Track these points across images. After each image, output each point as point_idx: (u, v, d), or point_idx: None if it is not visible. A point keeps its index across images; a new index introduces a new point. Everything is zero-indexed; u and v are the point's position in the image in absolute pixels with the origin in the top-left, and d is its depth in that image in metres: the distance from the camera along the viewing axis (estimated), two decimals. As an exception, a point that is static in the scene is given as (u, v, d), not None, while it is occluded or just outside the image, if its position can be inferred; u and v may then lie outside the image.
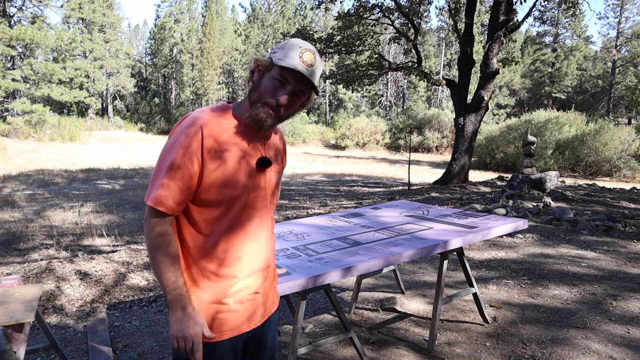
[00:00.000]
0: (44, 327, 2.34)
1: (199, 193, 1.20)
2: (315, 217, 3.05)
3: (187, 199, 1.20)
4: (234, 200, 1.23)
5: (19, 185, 12.05)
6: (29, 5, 27.56)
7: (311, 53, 1.23)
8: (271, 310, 1.41)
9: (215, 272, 1.24)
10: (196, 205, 1.23)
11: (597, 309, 3.14)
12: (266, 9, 40.33)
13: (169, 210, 1.18)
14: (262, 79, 1.24)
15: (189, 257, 1.25)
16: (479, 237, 2.52)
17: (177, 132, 1.20)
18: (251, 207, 1.28)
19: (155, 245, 1.19)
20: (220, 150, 1.19)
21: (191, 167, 1.16)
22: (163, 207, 1.17)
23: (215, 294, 1.24)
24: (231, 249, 1.25)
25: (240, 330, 1.30)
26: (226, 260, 1.25)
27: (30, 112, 25.97)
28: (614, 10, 38.07)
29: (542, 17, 17.06)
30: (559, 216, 6.15)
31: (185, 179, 1.17)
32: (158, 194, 1.17)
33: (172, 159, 1.16)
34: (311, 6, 29.49)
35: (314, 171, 18.20)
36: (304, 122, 37.18)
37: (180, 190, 1.17)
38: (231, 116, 1.25)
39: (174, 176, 1.16)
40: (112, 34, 38.75)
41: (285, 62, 1.20)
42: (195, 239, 1.24)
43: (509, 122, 24.39)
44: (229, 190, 1.21)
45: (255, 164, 1.26)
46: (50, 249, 5.07)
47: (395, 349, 2.67)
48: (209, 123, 1.19)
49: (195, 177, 1.18)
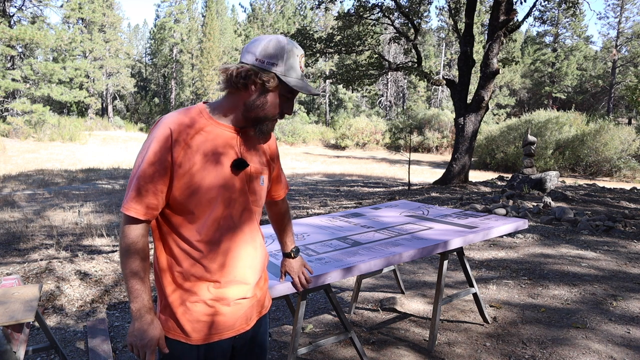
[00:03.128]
0: (44, 327, 2.34)
1: (174, 198, 1.19)
2: (315, 217, 3.05)
3: (160, 204, 1.19)
4: (210, 204, 1.20)
5: (19, 185, 12.05)
6: (28, 5, 27.57)
7: (304, 57, 1.24)
8: (263, 312, 1.41)
9: (204, 277, 1.23)
10: (175, 213, 1.21)
11: (598, 309, 3.14)
12: (266, 9, 40.35)
13: (142, 216, 1.17)
14: (267, 97, 1.20)
15: (175, 264, 1.23)
16: (479, 237, 2.52)
17: (149, 138, 1.18)
18: (231, 210, 1.25)
19: (128, 252, 1.18)
20: (191, 152, 1.17)
21: (162, 171, 1.15)
22: (136, 213, 1.16)
23: (208, 297, 1.24)
24: (217, 253, 1.24)
25: (237, 331, 1.30)
26: (214, 264, 1.23)
27: (30, 112, 25.99)
28: (614, 10, 38.09)
29: (542, 17, 17.09)
30: (559, 216, 6.15)
31: (157, 183, 1.15)
32: (131, 200, 1.16)
33: (143, 164, 1.15)
34: (311, 6, 29.48)
35: (314, 171, 18.20)
36: (304, 122, 37.20)
37: (152, 194, 1.16)
38: (205, 118, 1.22)
39: (145, 181, 1.15)
40: (112, 34, 38.76)
41: (293, 80, 1.19)
42: (181, 245, 1.22)
43: (509, 122, 24.42)
44: (204, 194, 1.19)
45: (230, 166, 1.23)
46: (50, 249, 5.06)
47: (395, 349, 2.67)
48: (179, 126, 1.17)
49: (167, 180, 1.16)
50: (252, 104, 1.21)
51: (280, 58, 1.18)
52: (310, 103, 43.37)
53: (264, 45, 1.19)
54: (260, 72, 1.17)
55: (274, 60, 1.18)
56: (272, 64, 1.18)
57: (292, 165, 20.06)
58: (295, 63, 1.21)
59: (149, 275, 1.22)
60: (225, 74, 1.21)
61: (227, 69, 1.20)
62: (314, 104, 43.55)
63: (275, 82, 1.19)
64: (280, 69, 1.18)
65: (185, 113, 1.21)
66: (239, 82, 1.19)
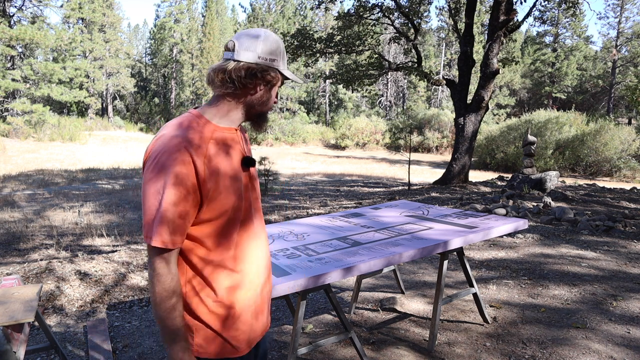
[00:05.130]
0: (44, 327, 2.34)
1: (200, 214, 1.13)
2: (315, 217, 3.05)
3: (188, 227, 1.13)
4: (236, 208, 1.18)
5: (19, 185, 12.05)
6: (28, 5, 27.57)
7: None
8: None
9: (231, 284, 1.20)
10: (199, 225, 1.15)
11: (598, 309, 3.14)
12: (266, 9, 40.32)
13: (177, 245, 1.11)
14: (271, 92, 1.24)
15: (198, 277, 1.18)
16: (479, 237, 2.52)
17: (162, 159, 1.07)
18: (252, 209, 1.26)
19: (167, 288, 1.10)
20: (211, 166, 1.12)
21: (192, 194, 1.09)
22: (171, 244, 1.09)
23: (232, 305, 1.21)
24: (245, 256, 1.22)
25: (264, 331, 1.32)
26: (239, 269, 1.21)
27: (30, 112, 26.00)
28: (614, 10, 38.08)
29: (542, 17, 17.10)
30: (559, 216, 6.15)
31: (188, 207, 1.09)
32: (163, 230, 1.07)
33: (169, 190, 1.06)
34: (311, 6, 29.49)
35: (314, 171, 18.20)
36: (304, 122, 37.19)
37: (185, 220, 1.09)
38: (208, 126, 1.17)
39: (175, 208, 1.07)
40: (112, 33, 38.74)
41: (289, 73, 1.24)
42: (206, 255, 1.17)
43: (509, 122, 24.41)
44: (230, 200, 1.16)
45: (241, 165, 1.22)
46: (50, 249, 5.06)
47: (395, 349, 2.67)
48: (192, 142, 1.10)
49: (197, 203, 1.11)
50: (258, 101, 1.22)
51: (279, 53, 1.22)
52: (310, 103, 43.37)
53: (262, 42, 1.18)
54: (266, 70, 1.19)
55: (274, 56, 1.20)
56: (273, 60, 1.20)
57: (292, 165, 20.05)
58: (285, 56, 1.26)
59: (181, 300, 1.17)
60: (222, 74, 1.17)
61: (224, 69, 1.16)
62: (314, 104, 43.55)
63: (279, 78, 1.23)
64: (280, 63, 1.22)
65: (188, 126, 1.14)
66: (242, 81, 1.17)
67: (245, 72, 1.16)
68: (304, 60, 14.21)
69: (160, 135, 1.12)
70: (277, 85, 1.24)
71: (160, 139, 1.11)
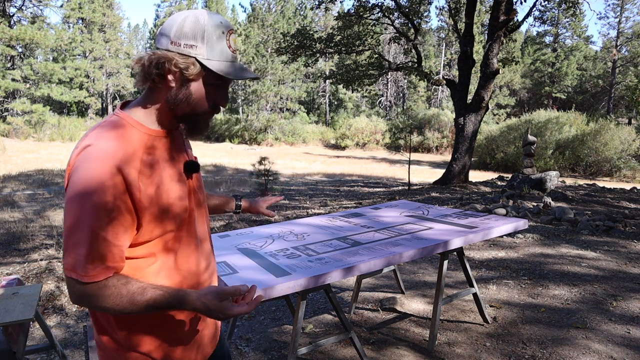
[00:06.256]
0: (44, 327, 2.34)
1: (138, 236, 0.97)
2: (315, 217, 3.05)
3: (125, 251, 0.95)
4: (178, 218, 1.02)
5: (19, 185, 12.05)
6: (28, 5, 27.60)
7: (235, 34, 1.00)
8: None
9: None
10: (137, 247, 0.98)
11: (598, 309, 3.14)
12: (266, 9, 40.29)
13: (120, 269, 0.94)
14: (189, 87, 0.97)
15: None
16: (479, 237, 2.52)
17: (86, 177, 0.88)
18: (195, 218, 1.10)
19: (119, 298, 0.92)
20: (146, 182, 0.95)
21: (124, 211, 0.91)
22: (113, 269, 0.92)
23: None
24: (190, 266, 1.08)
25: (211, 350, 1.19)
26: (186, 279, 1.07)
27: (30, 112, 26.02)
28: (614, 10, 38.08)
29: (542, 17, 17.12)
30: (559, 216, 6.15)
31: (125, 225, 0.92)
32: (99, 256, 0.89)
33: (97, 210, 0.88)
34: (311, 6, 29.49)
35: (314, 171, 18.20)
36: (303, 122, 37.20)
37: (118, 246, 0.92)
38: (138, 130, 0.98)
39: (107, 229, 0.89)
40: (112, 33, 38.78)
41: (217, 63, 0.97)
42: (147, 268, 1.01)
43: (509, 122, 24.42)
44: (171, 212, 1.00)
45: (183, 172, 1.06)
46: (50, 249, 5.06)
47: (395, 349, 2.67)
48: (121, 154, 0.91)
49: (133, 220, 0.94)
50: (175, 98, 0.98)
51: (200, 38, 0.95)
52: (310, 103, 43.38)
53: (178, 24, 0.95)
54: (175, 58, 0.94)
55: (191, 41, 0.95)
56: (190, 46, 0.95)
57: (292, 165, 20.05)
58: (222, 42, 0.97)
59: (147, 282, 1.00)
60: (138, 64, 0.97)
61: (140, 58, 0.96)
62: (314, 104, 43.56)
63: (197, 69, 0.96)
64: (201, 51, 0.95)
65: (114, 132, 0.95)
66: (152, 72, 0.95)
67: (156, 61, 0.94)
68: (304, 60, 14.22)
69: (84, 146, 0.92)
70: (198, 79, 0.97)
71: (83, 151, 0.91)
